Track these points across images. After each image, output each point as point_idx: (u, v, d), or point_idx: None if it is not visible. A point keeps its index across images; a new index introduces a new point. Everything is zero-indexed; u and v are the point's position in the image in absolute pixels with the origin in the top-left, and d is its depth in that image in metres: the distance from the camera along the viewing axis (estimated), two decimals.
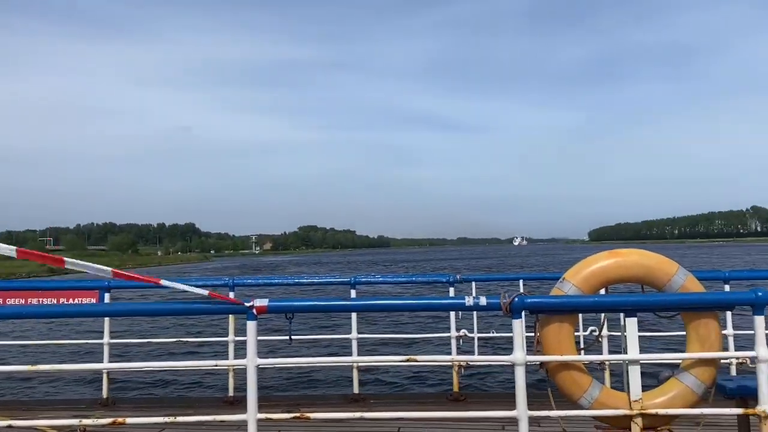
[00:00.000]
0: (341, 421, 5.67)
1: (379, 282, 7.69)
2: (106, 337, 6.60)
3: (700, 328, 3.59)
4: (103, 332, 6.63)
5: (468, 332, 6.97)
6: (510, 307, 3.49)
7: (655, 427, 3.60)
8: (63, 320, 21.85)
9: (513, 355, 3.48)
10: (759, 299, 3.38)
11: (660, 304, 3.68)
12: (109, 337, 6.64)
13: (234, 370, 6.74)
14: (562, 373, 3.65)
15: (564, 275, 3.81)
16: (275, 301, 3.56)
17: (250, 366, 3.47)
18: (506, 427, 5.41)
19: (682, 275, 3.67)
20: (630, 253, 3.78)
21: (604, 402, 3.61)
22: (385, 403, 6.67)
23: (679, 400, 3.59)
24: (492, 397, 7.57)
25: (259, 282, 7.31)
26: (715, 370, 3.64)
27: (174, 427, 5.66)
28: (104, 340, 6.60)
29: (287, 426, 5.58)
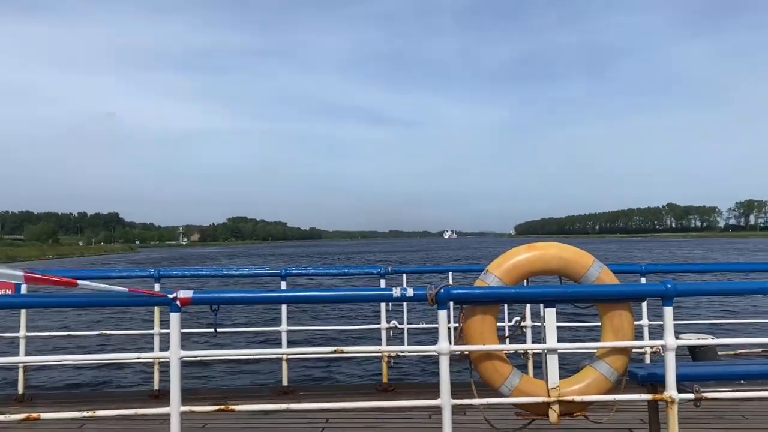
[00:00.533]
0: (268, 413, 5.65)
1: (311, 274, 7.67)
2: (22, 330, 6.32)
3: (614, 318, 3.76)
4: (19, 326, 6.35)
5: (398, 323, 7.06)
6: (435, 298, 3.56)
7: (571, 414, 3.76)
8: None
9: (438, 345, 3.55)
10: (668, 291, 3.56)
11: (576, 295, 3.84)
12: (26, 331, 6.36)
13: (159, 363, 6.59)
14: (485, 363, 3.76)
15: (487, 267, 3.92)
16: (200, 292, 3.51)
17: (173, 359, 3.41)
18: (432, 416, 5.52)
19: (597, 268, 3.84)
20: (549, 246, 3.93)
21: (523, 390, 3.73)
22: (314, 395, 6.68)
23: (593, 387, 3.75)
24: (420, 387, 7.70)
25: (186, 273, 7.15)
26: (627, 359, 3.82)
27: (94, 421, 5.49)
28: (20, 333, 6.32)
29: (213, 419, 5.51)
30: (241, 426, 5.40)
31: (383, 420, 5.52)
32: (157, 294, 3.57)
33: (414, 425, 5.37)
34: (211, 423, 5.45)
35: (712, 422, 5.32)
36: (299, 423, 5.47)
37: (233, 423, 5.46)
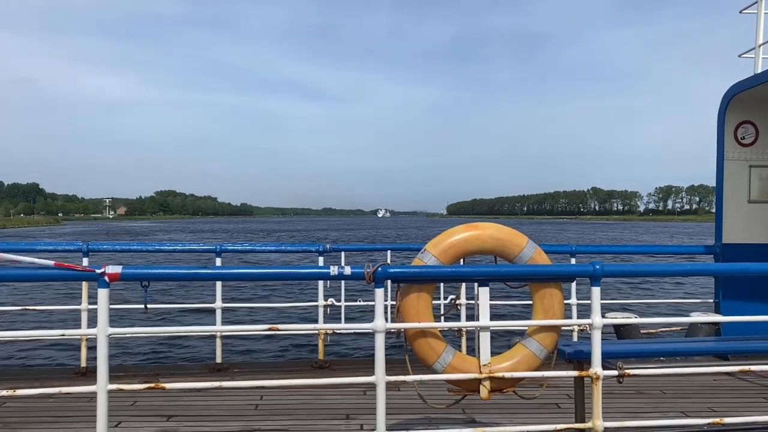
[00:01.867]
0: (200, 390, 5.56)
1: (247, 251, 7.53)
2: None
3: (544, 297, 3.87)
4: None
5: (336, 301, 7.06)
6: (373, 276, 3.57)
7: (501, 390, 3.86)
8: None
9: (374, 322, 3.57)
10: (596, 272, 3.69)
11: (509, 275, 3.92)
12: None
13: (87, 340, 6.38)
14: (419, 340, 3.80)
15: (425, 246, 3.95)
16: (130, 267, 3.39)
17: (100, 335, 3.30)
18: (367, 392, 5.57)
19: (531, 248, 3.93)
20: (486, 226, 3.99)
21: (456, 366, 3.80)
22: (248, 372, 6.62)
23: (523, 364, 3.86)
24: (356, 363, 7.76)
25: (117, 248, 6.91)
26: (556, 336, 3.94)
27: (15, 400, 5.28)
28: None
29: (143, 397, 5.39)
30: (173, 404, 5.30)
31: (318, 396, 5.53)
32: (85, 269, 3.43)
33: (349, 401, 5.41)
34: (141, 401, 5.33)
35: (633, 397, 5.59)
36: (233, 400, 5.42)
37: (164, 401, 5.36)
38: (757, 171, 7.24)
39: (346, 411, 5.16)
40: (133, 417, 4.97)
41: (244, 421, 4.93)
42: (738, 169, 7.24)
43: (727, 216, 7.23)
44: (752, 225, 7.24)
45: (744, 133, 7.21)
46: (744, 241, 7.20)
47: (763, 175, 7.25)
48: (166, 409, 5.16)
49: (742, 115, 7.18)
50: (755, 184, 7.25)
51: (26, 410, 5.09)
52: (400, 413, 4.98)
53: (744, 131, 7.21)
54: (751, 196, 7.25)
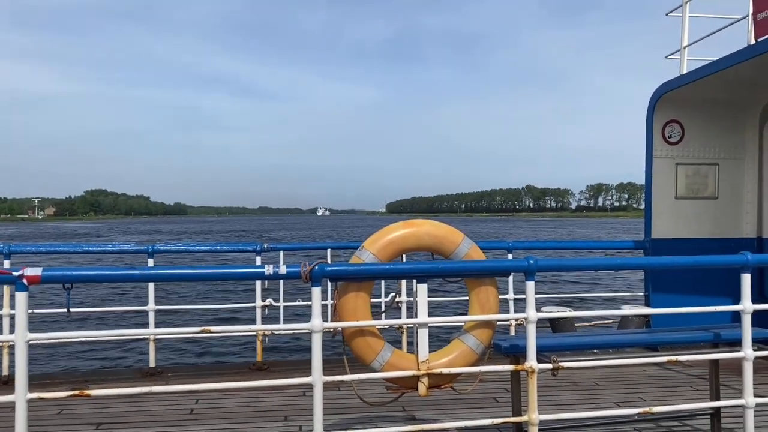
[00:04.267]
0: (131, 396, 5.36)
1: (180, 251, 7.30)
2: None
3: (480, 293, 3.89)
4: None
5: (274, 301, 6.94)
6: (310, 275, 3.50)
7: (439, 386, 3.87)
8: None
9: (311, 322, 3.51)
10: (530, 267, 3.73)
11: (446, 271, 3.92)
12: None
13: (8, 346, 6.05)
14: (357, 339, 3.76)
15: (363, 244, 3.91)
16: (51, 269, 3.21)
17: (18, 341, 3.11)
18: (307, 393, 5.50)
19: (467, 244, 3.95)
20: (423, 223, 3.98)
21: (394, 364, 3.78)
22: (184, 376, 6.43)
23: (461, 359, 3.88)
24: (296, 364, 7.65)
25: (42, 249, 6.58)
26: (492, 331, 3.98)
27: None
28: None
29: (71, 405, 5.16)
30: (103, 410, 5.09)
31: (257, 399, 5.43)
32: (2, 271, 3.23)
33: (288, 403, 5.33)
34: (68, 409, 5.10)
35: (568, 389, 5.73)
36: (166, 405, 5.26)
37: (94, 408, 5.14)
38: (683, 168, 7.54)
39: (285, 412, 5.08)
40: (58, 426, 4.75)
41: (179, 426, 4.79)
42: (665, 166, 7.52)
43: (656, 212, 7.50)
44: (679, 220, 7.53)
45: (671, 132, 7.50)
46: (672, 236, 7.49)
47: (689, 173, 7.56)
48: (95, 417, 4.95)
49: (669, 114, 7.46)
50: (681, 181, 7.56)
51: None
52: (339, 413, 4.93)
53: (671, 130, 7.50)
54: (678, 193, 7.55)
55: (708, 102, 7.45)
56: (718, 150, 7.59)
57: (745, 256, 3.92)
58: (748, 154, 7.64)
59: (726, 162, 7.61)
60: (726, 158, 7.61)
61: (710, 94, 7.29)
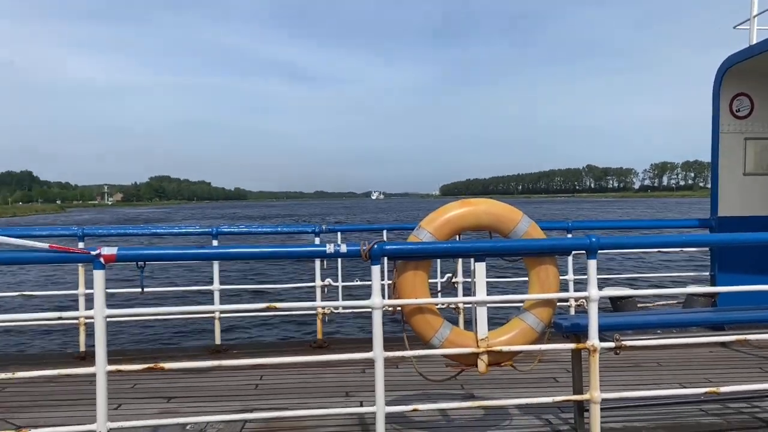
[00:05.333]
0: (201, 370, 5.60)
1: (243, 233, 7.51)
2: None
3: (540, 271, 3.87)
4: None
5: (333, 281, 7.08)
6: (369, 253, 3.56)
7: (499, 363, 3.89)
8: None
9: (371, 300, 3.57)
10: (592, 245, 3.69)
11: (505, 250, 3.91)
12: None
13: (85, 324, 6.39)
14: (416, 316, 3.81)
15: (420, 223, 3.94)
16: (125, 249, 3.38)
17: (98, 317, 3.30)
18: (366, 371, 5.61)
19: (525, 223, 3.92)
20: (479, 202, 3.98)
21: (453, 341, 3.82)
22: (247, 354, 6.65)
23: (520, 337, 3.87)
24: (354, 342, 7.79)
25: (112, 232, 6.89)
26: (552, 310, 3.95)
27: (16, 385, 5.29)
28: None
29: (143, 380, 5.42)
30: (173, 385, 5.33)
31: (318, 375, 5.57)
32: (80, 251, 3.42)
33: (348, 380, 5.44)
34: (141, 383, 5.36)
35: (630, 369, 5.64)
36: (233, 380, 5.46)
37: (164, 383, 5.38)
38: (752, 143, 7.23)
39: (345, 389, 5.20)
40: (133, 399, 5.00)
41: (244, 400, 4.97)
42: (733, 142, 7.23)
43: (723, 189, 7.23)
44: (748, 197, 7.24)
45: (739, 106, 7.19)
46: (739, 214, 7.21)
47: (758, 148, 7.25)
48: (165, 391, 5.19)
49: (737, 87, 7.15)
50: (750, 156, 7.25)
51: (26, 394, 5.11)
52: (398, 389, 5.01)
53: (739, 104, 7.19)
54: (746, 169, 7.25)
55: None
56: None
57: None
58: None
59: None
60: None
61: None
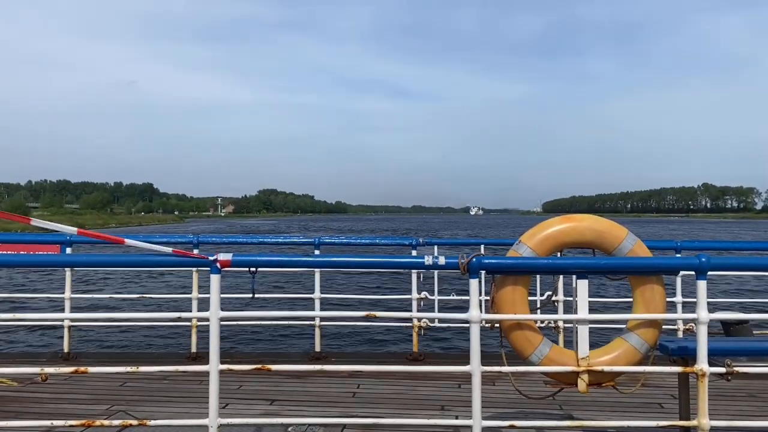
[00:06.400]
0: (302, 374, 5.82)
1: (343, 243, 7.79)
2: (67, 291, 6.57)
3: (645, 291, 3.74)
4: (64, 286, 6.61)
5: (429, 295, 7.14)
6: (468, 266, 3.58)
7: (600, 384, 3.79)
8: (27, 275, 21.58)
9: (469, 313, 3.59)
10: (702, 264, 3.52)
11: (609, 267, 3.82)
12: (71, 291, 6.61)
13: (197, 327, 6.81)
14: (515, 332, 3.79)
15: (520, 238, 3.93)
16: (240, 255, 3.62)
17: (213, 318, 3.53)
18: (462, 386, 5.61)
19: (631, 240, 3.81)
20: (582, 218, 3.91)
21: (553, 359, 3.76)
22: (346, 361, 6.83)
23: (623, 358, 3.76)
24: (451, 357, 7.81)
25: (224, 240, 7.33)
26: (658, 332, 3.81)
27: (136, 378, 5.73)
28: (65, 294, 6.57)
29: (249, 379, 5.71)
30: (276, 388, 5.57)
31: (414, 388, 5.63)
32: (199, 256, 3.69)
33: (444, 394, 5.46)
34: (246, 384, 5.64)
35: (743, 399, 5.29)
36: (332, 386, 5.62)
37: (268, 386, 5.64)
38: None
39: (441, 402, 5.22)
40: (239, 400, 5.27)
41: (342, 407, 5.10)
42: None
43: None
44: None
45: None
46: None
47: None
48: (269, 394, 5.43)
49: None
50: None
51: (143, 390, 5.52)
52: (494, 406, 4.98)
53: None
54: None
55: None
56: None
57: None
58: None
59: None
60: None
61: None
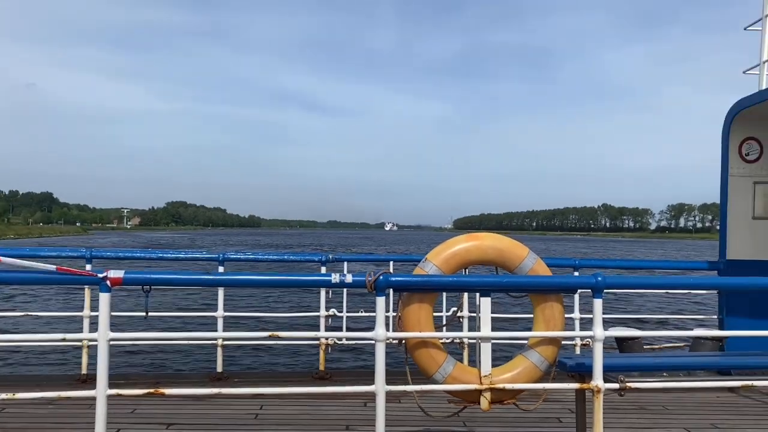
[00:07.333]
0: (200, 398, 5.55)
1: (250, 259, 7.54)
2: None
3: (546, 308, 3.85)
4: None
5: (337, 312, 7.05)
6: (374, 284, 3.56)
7: (501, 401, 3.84)
8: None
9: (374, 331, 3.56)
10: (598, 284, 3.67)
11: (510, 285, 3.90)
12: None
13: (87, 347, 6.38)
14: (420, 350, 3.78)
15: (426, 256, 3.94)
16: (132, 272, 3.40)
17: (101, 340, 3.30)
18: (368, 404, 5.54)
19: (532, 259, 3.91)
20: (486, 236, 3.98)
21: (457, 377, 3.78)
22: (248, 382, 6.61)
23: (524, 375, 3.84)
24: (357, 374, 7.73)
25: (120, 255, 6.94)
26: (557, 348, 3.92)
27: (16, 406, 5.27)
28: None
29: (145, 401, 5.38)
30: (174, 411, 5.29)
31: (319, 407, 5.51)
32: (87, 273, 3.44)
33: (349, 412, 5.38)
34: (141, 408, 5.32)
35: (635, 412, 5.54)
36: (233, 409, 5.40)
37: (164, 408, 5.34)
38: (761, 187, 7.22)
39: (346, 422, 5.14)
40: (132, 424, 4.96)
41: (244, 430, 4.91)
42: (742, 185, 7.22)
43: (732, 232, 7.20)
44: (757, 241, 7.20)
45: (749, 150, 7.20)
46: (748, 258, 7.16)
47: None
48: (165, 417, 5.14)
49: (746, 131, 7.18)
50: (760, 200, 7.23)
51: (27, 416, 5.07)
52: (399, 425, 4.94)
53: (749, 147, 7.20)
54: (755, 212, 7.22)
55: None
56: None
57: None
58: None
59: None
60: None
61: None
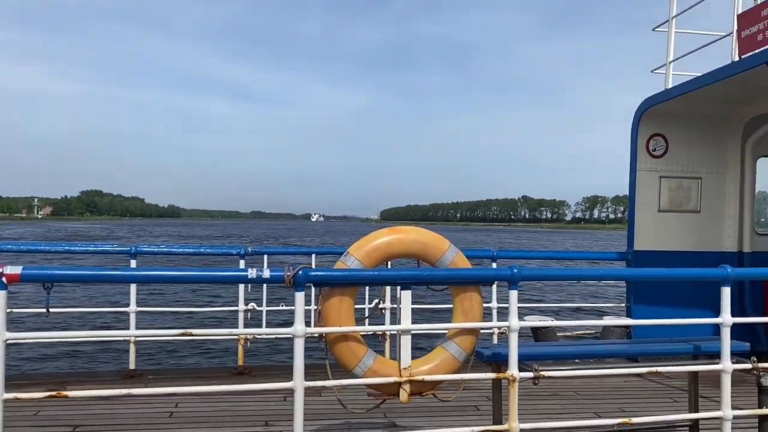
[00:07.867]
0: (110, 398, 5.30)
1: (164, 252, 7.25)
2: None
3: (464, 300, 3.90)
4: None
5: (256, 306, 6.90)
6: (293, 280, 3.49)
7: (421, 393, 3.86)
8: None
9: (293, 327, 3.49)
10: (514, 275, 3.75)
11: (431, 278, 3.93)
12: None
13: None
14: (340, 345, 3.75)
15: (348, 249, 3.90)
16: (31, 268, 3.17)
17: None
18: (287, 398, 5.47)
19: (452, 252, 3.95)
20: (409, 230, 3.99)
21: (376, 370, 3.77)
22: (164, 379, 6.38)
23: (443, 366, 3.88)
24: (277, 369, 7.61)
25: (22, 248, 6.51)
26: (475, 339, 3.98)
27: None
28: None
29: (48, 407, 5.09)
30: (81, 413, 5.03)
31: (237, 403, 5.39)
32: None
33: (269, 408, 5.30)
34: (45, 410, 5.03)
35: (549, 398, 5.75)
36: (146, 408, 5.20)
37: (71, 410, 5.07)
38: (666, 181, 7.62)
39: (266, 417, 5.05)
40: (34, 428, 4.69)
41: (158, 430, 4.75)
42: (649, 179, 7.59)
43: (639, 224, 7.57)
44: (662, 233, 7.60)
45: (655, 145, 7.57)
46: (654, 249, 7.55)
47: (672, 186, 7.64)
48: (72, 419, 4.89)
49: (653, 128, 7.54)
50: (665, 194, 7.63)
51: None
52: (320, 419, 4.91)
53: (655, 143, 7.57)
54: (660, 206, 7.62)
55: (692, 116, 7.55)
56: (700, 164, 7.68)
57: (725, 269, 3.96)
58: (730, 168, 7.74)
59: (708, 176, 7.70)
60: (708, 172, 7.70)
61: (694, 108, 7.39)
